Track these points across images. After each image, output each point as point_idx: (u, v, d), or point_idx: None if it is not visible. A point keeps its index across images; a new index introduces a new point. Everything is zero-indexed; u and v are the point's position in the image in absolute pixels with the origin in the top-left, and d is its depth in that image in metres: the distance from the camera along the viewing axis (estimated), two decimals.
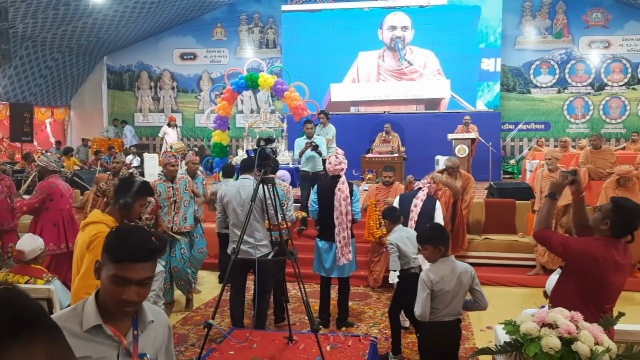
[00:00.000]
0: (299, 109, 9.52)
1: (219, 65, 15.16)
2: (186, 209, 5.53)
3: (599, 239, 2.72)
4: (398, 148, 10.88)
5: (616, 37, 13.34)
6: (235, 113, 14.23)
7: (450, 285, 3.26)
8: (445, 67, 13.52)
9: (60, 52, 13.80)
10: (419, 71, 13.68)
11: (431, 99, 13.67)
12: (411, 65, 13.71)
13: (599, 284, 2.67)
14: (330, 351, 3.77)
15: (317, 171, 7.51)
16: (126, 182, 3.14)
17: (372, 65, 13.92)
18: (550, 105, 13.76)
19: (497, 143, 12.72)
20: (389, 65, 13.88)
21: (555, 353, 2.28)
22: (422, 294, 3.24)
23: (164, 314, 1.94)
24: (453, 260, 3.37)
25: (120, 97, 15.93)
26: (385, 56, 13.90)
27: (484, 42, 13.35)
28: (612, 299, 2.75)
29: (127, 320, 1.71)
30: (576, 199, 2.99)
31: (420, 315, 3.25)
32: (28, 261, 4.17)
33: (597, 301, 2.68)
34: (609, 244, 2.67)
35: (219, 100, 10.24)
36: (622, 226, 2.69)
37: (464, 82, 13.46)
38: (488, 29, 13.31)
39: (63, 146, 14.02)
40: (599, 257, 2.63)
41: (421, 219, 4.90)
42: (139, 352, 1.69)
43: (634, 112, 13.40)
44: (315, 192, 5.22)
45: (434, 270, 3.28)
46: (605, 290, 2.69)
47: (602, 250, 2.65)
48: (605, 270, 2.63)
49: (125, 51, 15.66)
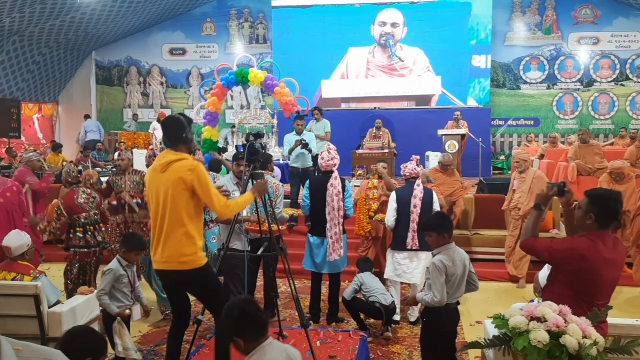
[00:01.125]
0: (289, 105, 9.47)
1: (208, 60, 15.07)
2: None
3: (584, 235, 2.69)
4: (388, 144, 10.90)
5: (605, 34, 13.43)
6: (225, 109, 14.16)
7: (459, 269, 3.39)
8: (436, 64, 13.57)
9: (48, 47, 13.63)
10: (409, 67, 13.70)
11: (422, 96, 13.71)
12: (402, 61, 13.73)
13: (590, 281, 2.64)
14: (320, 346, 3.78)
15: (306, 167, 7.51)
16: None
17: (361, 61, 13.92)
18: (540, 101, 13.84)
19: (487, 139, 12.79)
20: (379, 61, 13.89)
21: (543, 346, 2.28)
22: (440, 280, 3.29)
23: None
24: (455, 246, 3.49)
25: (109, 93, 15.79)
26: (375, 52, 13.90)
27: (475, 38, 13.39)
28: (605, 295, 2.71)
29: None
30: (566, 210, 2.98)
31: (440, 300, 3.29)
32: (15, 257, 4.12)
33: (589, 299, 2.65)
34: (595, 238, 2.64)
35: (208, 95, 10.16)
36: (606, 213, 2.67)
37: (455, 79, 13.51)
38: (479, 25, 13.34)
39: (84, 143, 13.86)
40: (585, 254, 2.61)
41: (422, 216, 4.90)
42: None
43: (622, 108, 13.51)
44: (307, 187, 5.22)
45: (445, 256, 3.34)
46: (596, 287, 2.66)
47: (588, 246, 2.63)
48: (594, 266, 2.60)
49: (114, 46, 15.51)
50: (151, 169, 3.24)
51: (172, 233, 3.08)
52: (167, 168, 3.10)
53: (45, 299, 3.96)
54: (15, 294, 3.85)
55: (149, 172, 3.26)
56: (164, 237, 3.10)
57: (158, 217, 3.13)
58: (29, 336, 3.88)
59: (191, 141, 3.26)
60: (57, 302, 4.12)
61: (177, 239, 3.07)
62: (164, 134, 3.25)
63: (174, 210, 3.08)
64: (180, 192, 3.06)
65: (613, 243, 2.70)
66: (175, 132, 3.19)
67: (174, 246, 3.08)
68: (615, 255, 2.69)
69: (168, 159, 3.13)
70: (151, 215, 3.24)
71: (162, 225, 3.11)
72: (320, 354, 3.60)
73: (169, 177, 3.09)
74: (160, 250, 3.12)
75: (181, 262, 3.08)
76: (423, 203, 4.98)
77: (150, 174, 3.24)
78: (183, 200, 3.07)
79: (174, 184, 3.07)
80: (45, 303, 3.95)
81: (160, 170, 3.13)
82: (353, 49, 13.90)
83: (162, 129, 3.27)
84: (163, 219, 3.10)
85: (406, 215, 4.98)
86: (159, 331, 5.01)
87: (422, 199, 4.99)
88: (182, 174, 3.06)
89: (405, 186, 5.19)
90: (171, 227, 3.08)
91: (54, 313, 3.92)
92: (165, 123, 3.26)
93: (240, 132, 10.50)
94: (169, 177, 3.09)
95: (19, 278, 4.00)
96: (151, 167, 3.26)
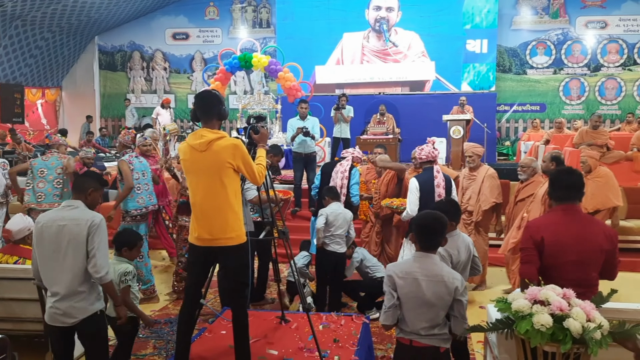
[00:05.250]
0: (293, 90, 9.42)
1: (211, 45, 14.96)
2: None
3: (547, 215, 2.86)
4: (393, 129, 10.83)
5: (613, 18, 13.22)
6: (229, 94, 14.09)
7: (464, 256, 3.38)
8: (431, 49, 13.46)
9: (51, 32, 13.56)
10: (403, 52, 13.59)
11: (416, 81, 13.62)
12: (396, 46, 13.61)
13: (557, 262, 2.72)
14: (322, 330, 3.77)
15: (309, 152, 7.47)
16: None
17: (356, 46, 13.82)
18: (546, 86, 13.69)
19: (492, 124, 12.68)
20: (373, 46, 13.77)
21: (546, 330, 2.26)
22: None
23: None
24: (459, 232, 3.48)
25: (112, 78, 15.73)
26: (370, 37, 13.78)
27: (470, 23, 13.23)
28: (580, 270, 2.72)
29: None
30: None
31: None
32: (17, 241, 4.12)
33: (564, 275, 2.68)
34: (560, 215, 2.81)
35: (212, 80, 10.11)
36: (557, 188, 2.87)
37: (449, 64, 13.40)
38: (474, 9, 13.17)
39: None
40: (544, 236, 2.73)
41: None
42: None
43: (629, 93, 13.35)
44: (320, 171, 5.37)
45: (450, 245, 3.26)
46: (565, 267, 2.71)
47: (548, 224, 2.80)
48: (557, 245, 2.70)
49: (116, 31, 15.42)
50: (187, 147, 3.13)
51: (221, 211, 3.08)
52: (209, 147, 3.06)
53: None
54: (18, 277, 3.86)
55: (187, 151, 3.14)
56: (212, 216, 3.09)
57: (202, 196, 3.10)
58: (32, 319, 3.90)
59: (226, 117, 3.25)
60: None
61: (226, 216, 3.08)
62: (198, 108, 3.17)
63: (222, 189, 3.07)
64: (227, 171, 3.07)
65: (587, 220, 2.89)
66: (212, 106, 3.14)
67: (223, 224, 3.09)
68: (586, 230, 2.79)
69: (208, 137, 3.06)
70: (192, 195, 3.17)
71: (209, 204, 3.09)
72: (322, 338, 3.59)
73: (214, 157, 3.05)
74: (207, 228, 3.10)
75: (229, 237, 3.10)
76: (445, 191, 4.65)
77: (188, 153, 3.14)
78: (230, 179, 3.09)
79: (221, 164, 3.05)
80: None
81: (199, 150, 3.07)
82: (348, 34, 13.79)
83: (197, 102, 3.19)
84: (209, 197, 3.08)
85: (430, 204, 4.51)
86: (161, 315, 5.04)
87: (444, 187, 4.64)
88: (228, 153, 3.05)
89: (424, 173, 4.78)
90: (220, 205, 3.08)
91: None
92: (202, 95, 3.21)
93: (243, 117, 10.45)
94: (214, 157, 3.05)
95: (21, 262, 4.00)
96: (186, 145, 3.14)
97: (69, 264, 2.94)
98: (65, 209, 3.02)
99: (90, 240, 2.92)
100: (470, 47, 13.30)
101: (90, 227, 2.93)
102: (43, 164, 5.75)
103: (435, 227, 2.75)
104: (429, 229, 2.74)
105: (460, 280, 2.71)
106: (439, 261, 2.80)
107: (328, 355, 3.37)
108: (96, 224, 2.95)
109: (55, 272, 2.96)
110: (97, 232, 2.94)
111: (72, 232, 2.92)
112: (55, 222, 2.96)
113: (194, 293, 3.28)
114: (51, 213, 3.05)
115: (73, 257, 2.93)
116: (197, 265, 3.26)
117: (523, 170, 5.30)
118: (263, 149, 3.45)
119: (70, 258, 2.93)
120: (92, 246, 2.92)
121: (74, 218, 2.96)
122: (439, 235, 2.76)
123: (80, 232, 2.92)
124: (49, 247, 2.96)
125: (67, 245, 2.93)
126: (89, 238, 2.92)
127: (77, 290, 2.95)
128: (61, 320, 2.97)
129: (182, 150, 3.18)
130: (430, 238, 2.74)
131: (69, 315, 2.96)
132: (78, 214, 2.98)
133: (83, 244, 2.92)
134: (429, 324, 2.65)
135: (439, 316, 2.66)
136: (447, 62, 13.39)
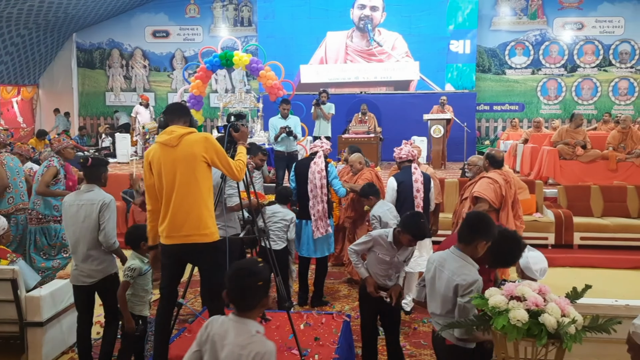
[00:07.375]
0: (274, 89, 9.38)
1: (192, 43, 14.83)
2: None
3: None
4: (374, 128, 10.88)
5: (589, 19, 13.47)
6: (210, 93, 13.99)
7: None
8: (414, 49, 13.54)
9: (27, 29, 13.30)
10: (387, 52, 13.64)
11: (400, 81, 13.68)
12: (380, 46, 13.66)
13: None
14: (303, 329, 3.77)
15: (292, 151, 7.49)
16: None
17: (340, 45, 13.83)
18: (525, 86, 13.89)
19: (472, 124, 12.82)
20: (357, 46, 13.80)
21: (522, 325, 2.29)
22: None
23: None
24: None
25: (90, 76, 15.49)
26: (354, 36, 13.81)
27: (453, 23, 13.35)
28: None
29: None
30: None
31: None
32: None
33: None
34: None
35: (192, 79, 10.01)
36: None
37: (433, 64, 13.50)
38: (457, 10, 13.30)
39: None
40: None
41: (424, 200, 4.86)
42: None
43: (605, 93, 13.61)
44: (293, 171, 5.24)
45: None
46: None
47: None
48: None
49: (95, 28, 15.18)
50: (157, 146, 3.13)
51: (195, 207, 3.08)
52: (180, 142, 3.07)
53: (23, 283, 3.90)
54: None
55: (156, 150, 3.14)
56: (186, 211, 3.07)
57: (175, 192, 3.07)
58: (7, 320, 3.83)
59: (194, 127, 3.43)
60: (35, 286, 4.05)
61: (199, 212, 3.09)
62: (170, 111, 3.29)
63: (195, 184, 3.07)
64: (200, 165, 3.08)
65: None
66: (181, 109, 3.30)
67: (196, 220, 3.08)
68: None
69: (179, 132, 3.11)
70: (163, 192, 3.12)
71: (182, 200, 3.06)
72: (303, 337, 3.60)
73: (185, 151, 3.06)
74: (179, 225, 3.07)
75: (203, 234, 3.11)
76: (424, 187, 4.85)
77: (158, 150, 3.13)
78: (203, 175, 3.10)
79: (193, 158, 3.06)
80: (23, 287, 3.89)
81: (171, 145, 3.07)
82: (331, 33, 13.79)
83: (167, 108, 3.34)
84: (183, 193, 3.06)
85: (409, 201, 4.80)
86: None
87: (422, 182, 4.84)
88: (200, 146, 3.07)
89: (402, 171, 4.97)
90: (194, 201, 3.07)
91: (32, 297, 3.86)
92: (172, 104, 3.45)
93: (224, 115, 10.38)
94: (185, 151, 3.06)
95: None
96: (156, 145, 3.15)
97: (85, 235, 3.54)
98: (83, 193, 3.62)
99: (102, 215, 3.52)
100: (454, 48, 13.41)
101: (102, 205, 3.52)
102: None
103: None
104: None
105: (464, 278, 2.63)
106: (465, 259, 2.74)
107: (308, 354, 3.38)
108: (106, 203, 3.55)
109: (77, 241, 3.56)
110: (107, 209, 3.53)
111: (88, 210, 3.54)
112: (75, 202, 3.58)
113: (169, 293, 3.27)
114: (73, 195, 3.68)
115: (88, 230, 3.53)
116: (170, 265, 3.24)
117: (469, 169, 5.26)
118: (243, 147, 3.48)
119: (86, 230, 3.53)
120: (103, 220, 3.51)
121: (90, 199, 3.56)
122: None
123: (94, 210, 3.52)
124: (71, 222, 3.59)
125: (83, 221, 3.53)
126: (100, 214, 3.51)
127: (92, 255, 3.54)
128: (82, 280, 3.58)
129: (151, 151, 3.19)
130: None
131: (90, 276, 3.57)
132: (93, 195, 3.58)
133: (95, 220, 3.52)
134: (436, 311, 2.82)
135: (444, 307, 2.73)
136: (430, 62, 13.48)
